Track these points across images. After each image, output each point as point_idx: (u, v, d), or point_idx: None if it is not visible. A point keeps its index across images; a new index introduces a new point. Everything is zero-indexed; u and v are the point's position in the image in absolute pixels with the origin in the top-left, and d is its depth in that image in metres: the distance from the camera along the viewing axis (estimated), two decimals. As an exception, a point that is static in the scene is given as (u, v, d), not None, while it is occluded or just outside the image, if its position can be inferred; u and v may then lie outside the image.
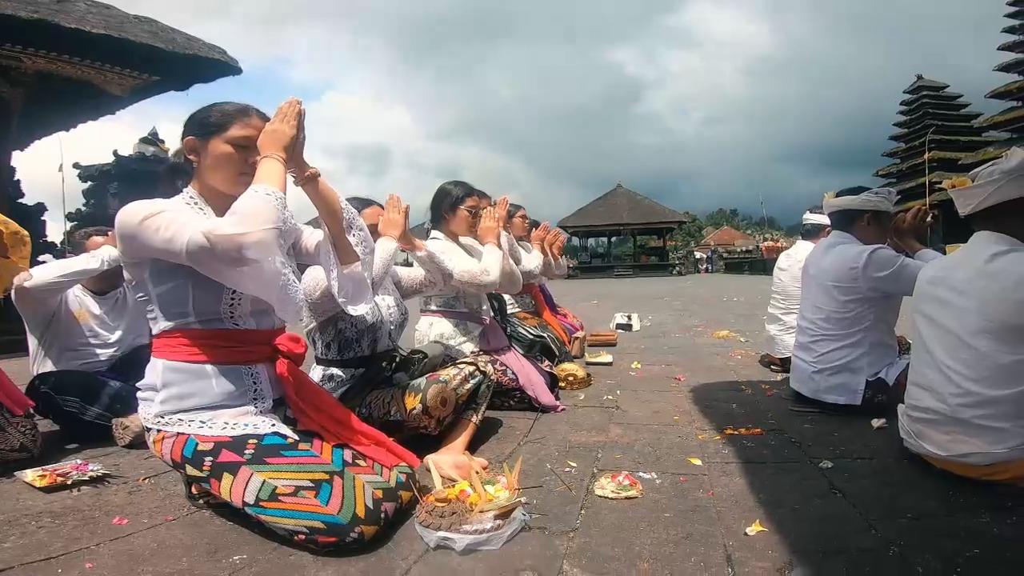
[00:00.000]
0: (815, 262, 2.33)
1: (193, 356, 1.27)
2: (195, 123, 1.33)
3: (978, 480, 1.39)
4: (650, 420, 2.21)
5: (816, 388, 2.24)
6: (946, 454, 1.43)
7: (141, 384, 1.33)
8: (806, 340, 2.31)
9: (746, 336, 4.51)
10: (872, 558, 1.10)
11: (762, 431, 1.98)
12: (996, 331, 1.34)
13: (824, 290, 2.21)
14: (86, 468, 1.61)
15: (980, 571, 1.03)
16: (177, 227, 1.16)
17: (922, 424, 1.51)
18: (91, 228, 2.31)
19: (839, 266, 2.15)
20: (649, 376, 3.11)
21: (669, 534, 1.23)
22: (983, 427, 1.35)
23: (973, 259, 1.46)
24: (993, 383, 1.34)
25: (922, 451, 1.51)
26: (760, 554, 1.13)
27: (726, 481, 1.54)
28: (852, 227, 2.24)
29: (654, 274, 26.18)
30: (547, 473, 1.61)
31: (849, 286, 2.12)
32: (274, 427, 1.29)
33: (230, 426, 1.26)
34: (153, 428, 1.28)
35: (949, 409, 1.41)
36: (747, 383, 2.83)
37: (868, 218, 2.21)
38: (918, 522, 1.25)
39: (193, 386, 1.27)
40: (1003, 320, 1.33)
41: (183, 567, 1.12)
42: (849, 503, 1.37)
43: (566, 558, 1.13)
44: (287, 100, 1.32)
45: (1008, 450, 1.32)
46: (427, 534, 1.17)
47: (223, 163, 1.30)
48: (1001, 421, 1.33)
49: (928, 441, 1.48)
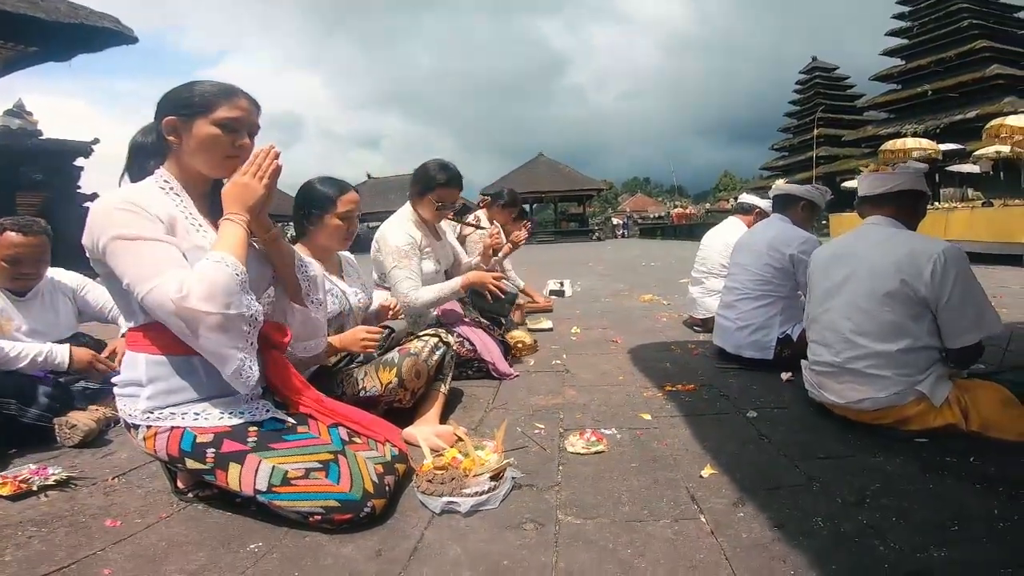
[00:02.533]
0: (757, 234, 2.69)
1: (176, 348, 1.22)
2: (175, 102, 1.25)
3: (869, 424, 1.70)
4: (598, 381, 2.42)
5: (737, 344, 2.58)
6: (843, 401, 1.73)
7: (119, 380, 1.28)
8: (732, 299, 2.65)
9: (668, 300, 4.91)
10: (802, 491, 1.35)
11: (695, 387, 2.26)
12: (882, 296, 1.64)
13: (758, 256, 2.56)
14: (47, 472, 1.50)
15: (881, 500, 1.30)
16: (146, 271, 1.12)
17: (822, 376, 1.81)
18: (7, 220, 1.99)
19: (779, 240, 2.51)
20: (589, 340, 3.34)
21: (639, 480, 1.42)
22: (870, 375, 1.65)
23: (869, 237, 1.77)
24: (878, 338, 1.65)
25: (824, 399, 1.82)
26: (716, 492, 1.36)
27: (675, 433, 1.77)
28: (789, 210, 2.66)
29: (575, 239, 27.05)
30: (519, 436, 1.75)
31: (779, 257, 2.49)
32: (270, 412, 1.29)
33: (227, 415, 1.24)
34: (142, 424, 1.24)
35: (843, 361, 1.71)
36: (675, 343, 3.14)
37: (803, 205, 2.64)
38: (829, 461, 1.52)
39: (181, 380, 1.24)
40: (888, 287, 1.63)
41: (204, 562, 1.12)
42: (775, 447, 1.63)
43: (558, 508, 1.29)
44: (264, 149, 1.26)
45: (889, 395, 1.63)
46: (431, 501, 1.27)
47: (209, 145, 1.24)
48: (884, 370, 1.63)
49: (828, 391, 1.79)
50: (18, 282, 2.01)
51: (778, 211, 2.70)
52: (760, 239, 2.61)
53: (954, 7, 21.48)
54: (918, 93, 21.93)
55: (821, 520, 1.21)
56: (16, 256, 1.95)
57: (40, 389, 1.86)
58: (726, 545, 1.13)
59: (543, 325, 3.70)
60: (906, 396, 1.61)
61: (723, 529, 1.19)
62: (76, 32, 5.51)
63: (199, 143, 1.25)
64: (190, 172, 1.29)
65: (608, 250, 16.36)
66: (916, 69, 22.48)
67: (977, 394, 1.60)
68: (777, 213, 2.70)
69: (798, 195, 2.66)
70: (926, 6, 22.57)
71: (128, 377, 1.26)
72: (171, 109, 1.25)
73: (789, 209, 2.65)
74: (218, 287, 1.12)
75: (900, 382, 1.61)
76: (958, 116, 19.88)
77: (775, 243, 2.52)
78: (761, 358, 2.50)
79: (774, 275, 2.51)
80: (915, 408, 1.61)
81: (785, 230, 2.56)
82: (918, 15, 23.01)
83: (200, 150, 1.25)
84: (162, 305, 1.10)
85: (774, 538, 1.15)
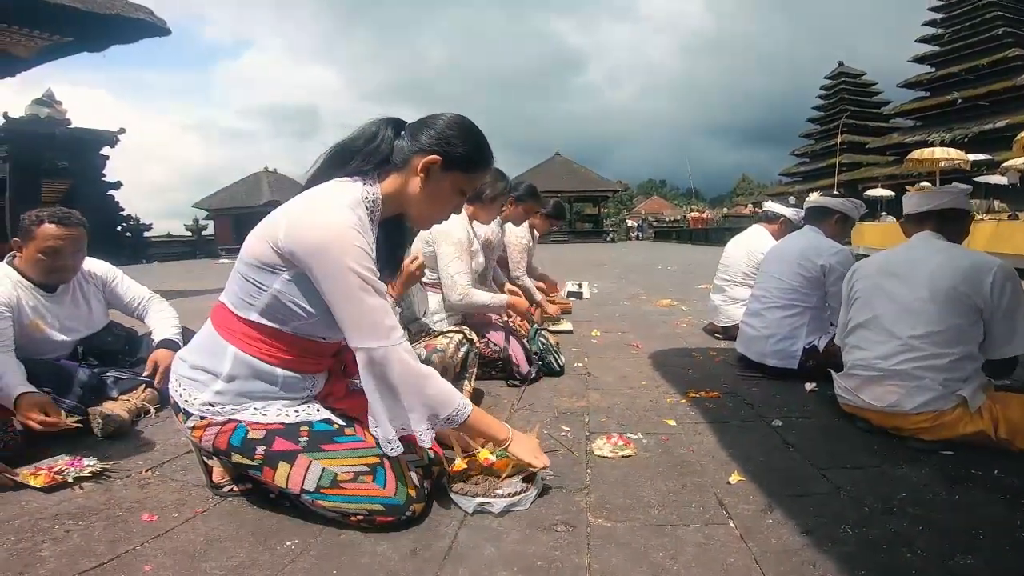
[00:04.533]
0: (789, 244, 2.69)
1: (269, 356, 1.22)
2: (448, 144, 1.23)
3: (896, 434, 1.73)
4: (621, 385, 2.43)
5: (762, 352, 2.58)
6: (882, 404, 1.74)
7: (193, 361, 1.25)
8: (759, 307, 2.65)
9: (687, 305, 4.89)
10: (830, 499, 1.36)
11: (719, 394, 2.26)
12: (944, 303, 1.67)
13: (789, 265, 2.55)
14: (82, 463, 1.50)
15: (908, 509, 1.30)
16: (366, 327, 1.15)
17: (863, 380, 1.82)
18: (44, 211, 1.94)
19: (811, 249, 2.51)
20: (609, 343, 3.35)
21: (667, 485, 1.44)
22: (917, 378, 1.67)
23: (924, 247, 1.82)
24: (936, 343, 1.67)
25: (859, 403, 1.83)
26: (744, 499, 1.36)
27: (700, 439, 1.78)
28: (823, 222, 2.65)
29: (589, 240, 26.97)
30: (546, 438, 1.77)
31: (809, 266, 2.49)
32: (321, 412, 1.29)
33: (284, 413, 1.24)
34: (196, 414, 1.23)
35: (893, 364, 1.73)
36: (696, 350, 3.14)
37: (838, 219, 2.64)
38: (856, 471, 1.53)
39: (256, 384, 1.23)
40: (951, 295, 1.66)
41: (242, 559, 1.12)
42: (801, 456, 1.64)
43: (588, 511, 1.30)
44: (542, 463, 1.34)
45: (932, 399, 1.65)
46: (464, 501, 1.28)
47: (446, 199, 1.28)
48: (933, 373, 1.66)
49: (866, 394, 1.80)
50: (54, 275, 1.95)
51: (811, 223, 2.69)
52: (791, 249, 2.61)
53: (989, 14, 21.06)
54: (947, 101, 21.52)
55: (849, 527, 1.22)
56: (54, 248, 1.90)
57: (76, 379, 1.87)
58: (756, 550, 1.14)
59: (563, 327, 3.72)
60: (948, 401, 1.64)
61: (752, 534, 1.20)
62: (111, 23, 5.55)
63: (440, 191, 1.26)
64: (395, 202, 1.27)
65: (623, 252, 16.30)
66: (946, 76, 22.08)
67: (1008, 404, 1.64)
68: (810, 225, 2.70)
69: (833, 208, 2.66)
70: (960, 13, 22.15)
71: (203, 363, 1.23)
72: (439, 147, 1.23)
73: (823, 221, 2.65)
74: (438, 406, 1.21)
75: (945, 387, 1.65)
76: (988, 125, 19.49)
77: (806, 253, 2.51)
78: (785, 367, 2.49)
79: (802, 284, 2.51)
80: (952, 414, 1.64)
81: (817, 241, 2.56)
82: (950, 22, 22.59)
83: (437, 197, 1.26)
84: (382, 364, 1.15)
85: (803, 544, 1.16)
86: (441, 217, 1.34)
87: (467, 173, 1.28)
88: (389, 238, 1.34)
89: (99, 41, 5.81)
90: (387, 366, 1.15)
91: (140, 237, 17.24)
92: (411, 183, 1.25)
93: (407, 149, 1.24)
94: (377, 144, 1.24)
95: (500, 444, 1.33)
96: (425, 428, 1.20)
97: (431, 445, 1.25)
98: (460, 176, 1.27)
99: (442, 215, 1.33)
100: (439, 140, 1.23)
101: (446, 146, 1.23)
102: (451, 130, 1.25)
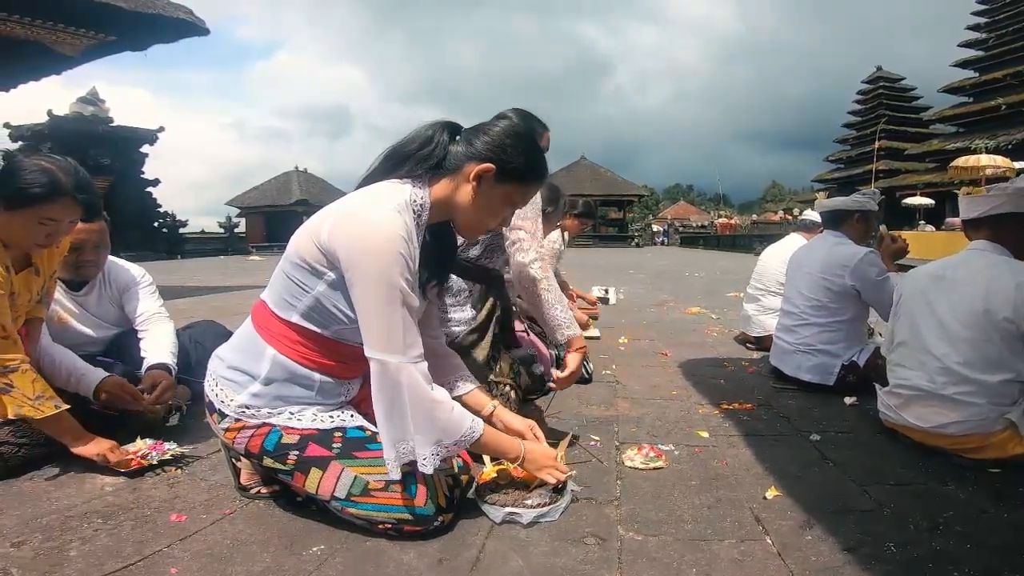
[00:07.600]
0: (809, 254, 2.55)
1: (307, 359, 1.21)
2: (504, 153, 1.19)
3: (941, 451, 1.65)
4: (651, 394, 2.38)
5: (797, 367, 2.48)
6: (926, 425, 1.66)
7: (231, 362, 1.23)
8: (790, 323, 2.53)
9: (717, 313, 4.78)
10: (872, 516, 1.30)
11: (753, 406, 2.19)
12: (986, 328, 1.57)
13: (814, 281, 2.43)
14: (163, 447, 1.53)
15: (955, 527, 1.25)
16: (391, 340, 1.10)
17: (906, 399, 1.74)
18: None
19: (833, 262, 2.37)
20: (637, 351, 3.29)
21: (701, 499, 1.39)
22: (963, 403, 1.59)
23: (972, 264, 1.69)
24: (980, 369, 1.58)
25: (902, 422, 1.75)
26: (781, 514, 1.32)
27: (734, 452, 1.72)
28: (843, 225, 2.48)
29: (614, 244, 26.75)
30: (575, 447, 1.74)
31: (837, 281, 2.36)
32: (354, 418, 1.28)
33: (319, 419, 1.23)
34: (231, 415, 1.22)
35: (937, 387, 1.64)
36: (728, 360, 3.06)
37: (858, 217, 2.47)
38: (900, 487, 1.47)
39: (293, 388, 1.22)
40: (994, 320, 1.57)
41: (268, 564, 1.11)
42: (841, 471, 1.57)
43: (619, 523, 1.27)
44: (564, 472, 1.32)
45: (978, 422, 1.57)
46: (492, 511, 1.26)
47: (496, 209, 1.24)
48: (979, 398, 1.58)
49: (910, 413, 1.72)
50: (80, 271, 1.96)
51: (831, 228, 2.52)
52: (813, 261, 2.47)
53: (1036, 19, 20.16)
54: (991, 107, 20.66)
55: (893, 545, 1.17)
56: (77, 243, 1.89)
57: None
58: (795, 567, 1.10)
59: (591, 333, 3.67)
60: (995, 424, 1.56)
61: (790, 551, 1.15)
62: (153, 22, 5.65)
63: (491, 202, 1.22)
64: (444, 208, 1.23)
65: (648, 257, 16.09)
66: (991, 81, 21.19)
67: None
68: (830, 230, 2.53)
69: (849, 208, 2.47)
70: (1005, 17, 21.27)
71: (241, 364, 1.22)
72: (496, 156, 1.19)
73: (844, 224, 2.48)
74: (447, 434, 1.16)
75: (992, 410, 1.57)
76: (1034, 133, 18.61)
77: (829, 265, 2.38)
78: (821, 383, 2.39)
79: (832, 299, 2.38)
80: (1001, 435, 1.56)
81: (837, 250, 2.41)
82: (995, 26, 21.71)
83: (484, 209, 1.22)
84: (393, 387, 1.11)
85: (844, 561, 1.11)
86: (488, 228, 1.31)
87: (520, 185, 1.24)
88: (438, 244, 1.30)
89: (141, 40, 5.93)
90: (398, 382, 1.11)
91: (176, 233, 17.83)
92: (462, 190, 1.21)
93: (461, 155, 1.20)
94: (432, 148, 1.20)
95: (512, 462, 1.30)
96: (430, 453, 1.15)
97: (432, 472, 1.18)
98: (513, 188, 1.23)
99: (489, 226, 1.29)
100: (495, 148, 1.19)
101: (501, 155, 1.19)
102: (508, 139, 1.20)
